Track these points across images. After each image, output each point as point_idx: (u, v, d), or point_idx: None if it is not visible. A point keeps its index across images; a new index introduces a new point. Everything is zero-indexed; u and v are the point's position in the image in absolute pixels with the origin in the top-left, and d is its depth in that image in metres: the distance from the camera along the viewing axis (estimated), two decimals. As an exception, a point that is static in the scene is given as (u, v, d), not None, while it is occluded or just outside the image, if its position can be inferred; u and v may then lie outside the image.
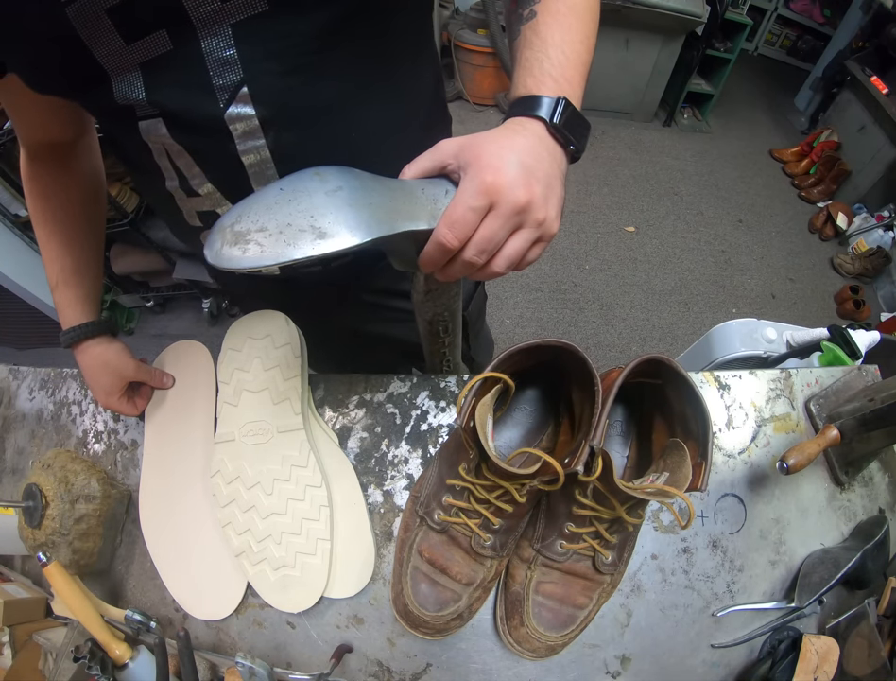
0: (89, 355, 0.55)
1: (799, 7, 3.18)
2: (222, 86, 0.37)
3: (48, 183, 0.55)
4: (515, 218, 0.33)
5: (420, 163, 0.37)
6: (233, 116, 0.38)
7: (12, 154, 1.42)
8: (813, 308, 2.09)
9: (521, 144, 0.35)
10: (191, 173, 0.43)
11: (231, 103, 0.38)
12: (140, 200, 1.53)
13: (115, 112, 0.39)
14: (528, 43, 0.41)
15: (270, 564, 0.49)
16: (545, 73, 0.38)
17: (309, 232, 0.33)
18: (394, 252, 0.47)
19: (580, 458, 0.36)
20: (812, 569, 0.50)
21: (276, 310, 0.56)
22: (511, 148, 0.34)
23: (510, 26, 0.45)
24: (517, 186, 0.32)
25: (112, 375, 0.54)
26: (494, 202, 0.32)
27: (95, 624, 0.47)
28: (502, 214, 0.33)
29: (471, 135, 0.36)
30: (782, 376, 0.58)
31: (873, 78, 2.17)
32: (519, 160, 0.33)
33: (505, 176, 0.32)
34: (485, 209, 0.32)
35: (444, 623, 0.43)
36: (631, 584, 0.50)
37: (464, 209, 0.32)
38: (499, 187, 0.32)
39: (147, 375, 0.56)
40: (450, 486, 0.44)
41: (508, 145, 0.34)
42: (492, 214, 0.33)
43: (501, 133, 0.36)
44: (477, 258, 0.33)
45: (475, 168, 0.33)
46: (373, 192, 0.39)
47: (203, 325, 1.93)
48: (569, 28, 0.41)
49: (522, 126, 0.36)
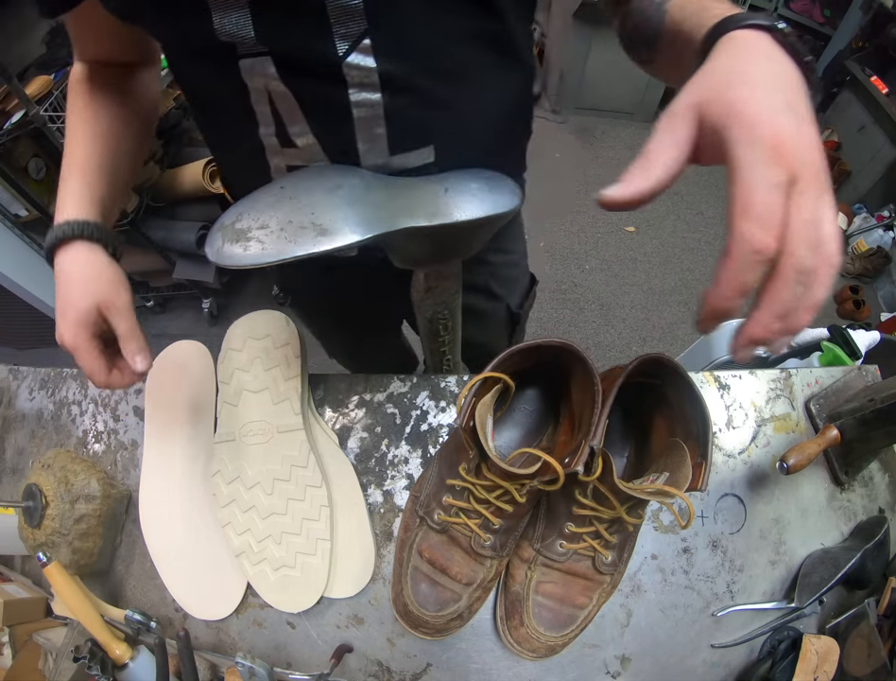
0: (72, 259, 0.42)
1: (799, 7, 3.18)
2: (344, 35, 0.35)
3: (98, 89, 0.49)
4: (822, 190, 0.22)
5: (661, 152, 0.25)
6: (352, 65, 0.37)
7: (12, 154, 1.42)
8: (813, 308, 2.09)
9: (771, 69, 0.25)
10: (292, 120, 0.41)
11: (351, 52, 0.36)
12: (140, 200, 1.53)
13: (211, 49, 0.36)
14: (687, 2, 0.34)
15: (270, 564, 0.49)
16: (728, 8, 0.29)
17: (310, 229, 0.33)
18: (394, 248, 0.47)
19: (580, 458, 0.36)
20: (812, 569, 0.50)
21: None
22: (773, 82, 0.24)
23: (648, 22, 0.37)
24: (808, 151, 0.22)
25: (90, 295, 0.41)
26: (795, 171, 0.22)
27: (95, 624, 0.47)
28: (812, 187, 0.22)
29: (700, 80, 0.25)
30: (782, 376, 0.58)
31: (873, 78, 2.16)
32: (788, 103, 0.23)
33: (788, 131, 0.22)
34: (787, 184, 0.22)
35: (444, 623, 0.43)
36: (631, 584, 0.50)
37: (767, 190, 0.21)
38: (793, 152, 0.22)
39: (130, 331, 0.42)
40: (450, 486, 0.43)
41: (759, 79, 0.24)
42: (797, 192, 0.22)
43: (737, 58, 0.25)
44: (810, 259, 0.22)
45: (742, 127, 0.22)
46: (373, 189, 0.39)
47: (203, 325, 1.93)
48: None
49: (752, 44, 0.26)
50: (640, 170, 0.25)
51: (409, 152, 0.43)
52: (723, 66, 0.25)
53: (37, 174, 1.50)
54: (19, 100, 1.19)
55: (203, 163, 1.56)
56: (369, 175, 0.41)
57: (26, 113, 1.21)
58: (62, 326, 0.41)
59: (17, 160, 1.43)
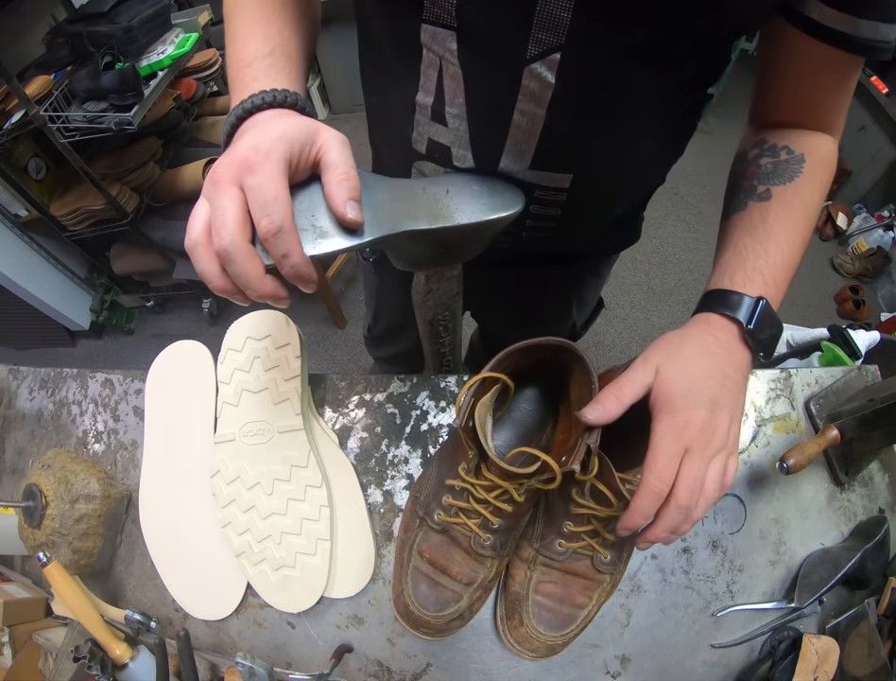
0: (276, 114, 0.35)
1: (799, 7, 3.18)
2: (540, 40, 0.34)
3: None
4: (712, 453, 0.35)
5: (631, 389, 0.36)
6: (533, 73, 0.36)
7: (12, 154, 1.42)
8: (813, 308, 2.08)
9: (710, 370, 0.36)
10: (453, 100, 0.40)
11: (537, 60, 0.35)
12: (140, 200, 1.53)
13: (402, 4, 0.36)
14: (752, 229, 0.41)
15: (270, 564, 0.49)
16: (758, 269, 0.39)
17: (310, 231, 0.33)
18: (395, 251, 0.47)
19: (577, 457, 0.36)
20: (812, 569, 0.50)
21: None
22: (702, 383, 0.35)
23: (737, 192, 0.44)
24: (707, 428, 0.35)
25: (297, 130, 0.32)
26: (691, 447, 0.34)
27: (95, 624, 0.47)
28: (699, 454, 0.34)
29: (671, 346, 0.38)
30: (782, 376, 0.58)
31: (873, 78, 2.16)
32: (709, 397, 0.35)
33: (696, 421, 0.34)
34: (682, 453, 0.34)
35: (445, 623, 0.43)
36: (631, 584, 0.50)
37: (667, 457, 0.34)
38: (692, 433, 0.34)
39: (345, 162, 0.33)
40: (449, 486, 0.43)
41: (698, 375, 0.36)
42: (688, 456, 0.34)
43: (693, 350, 0.37)
44: (689, 499, 0.34)
45: (667, 412, 0.35)
46: (375, 192, 0.39)
47: (203, 325, 1.93)
48: (795, 227, 0.41)
49: (714, 335, 0.38)
50: (614, 399, 0.36)
51: (548, 173, 0.44)
52: (690, 354, 0.37)
53: (37, 174, 1.50)
54: (19, 100, 1.19)
55: (203, 163, 1.56)
56: (371, 177, 0.40)
57: (26, 113, 1.21)
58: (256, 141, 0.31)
59: (17, 160, 1.43)
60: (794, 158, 0.43)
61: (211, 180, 0.31)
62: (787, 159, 0.43)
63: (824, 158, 0.44)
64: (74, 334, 1.96)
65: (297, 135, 0.32)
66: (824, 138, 0.44)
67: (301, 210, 0.34)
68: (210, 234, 0.30)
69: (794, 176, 0.42)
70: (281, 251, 0.30)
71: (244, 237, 0.30)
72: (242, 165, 0.31)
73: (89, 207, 1.48)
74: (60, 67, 1.31)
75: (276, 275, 0.32)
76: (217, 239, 0.30)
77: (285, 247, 0.30)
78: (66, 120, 1.24)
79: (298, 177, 0.33)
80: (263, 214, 0.30)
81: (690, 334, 0.38)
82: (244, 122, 0.35)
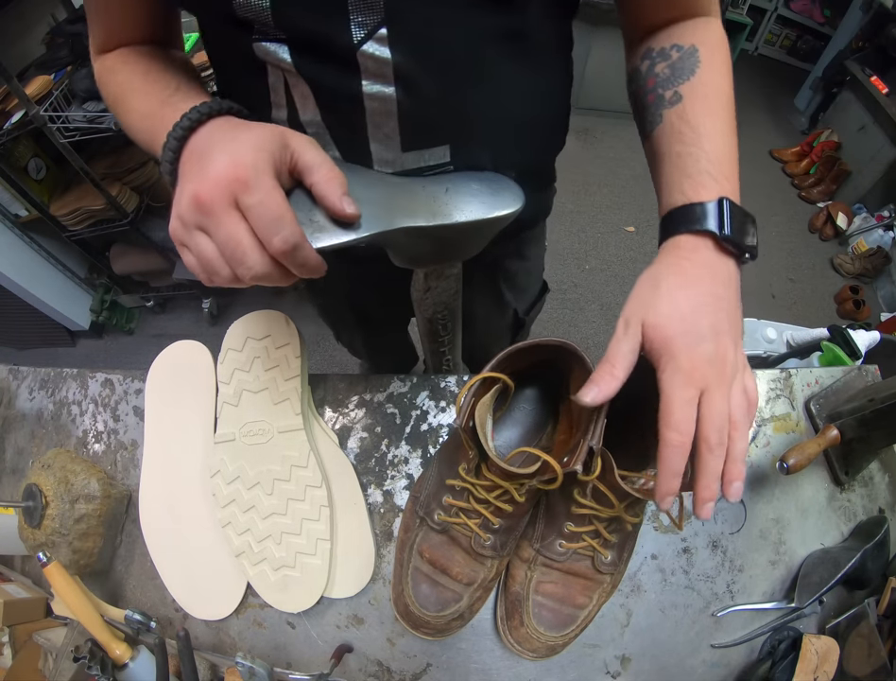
0: (229, 124, 0.34)
1: (799, 7, 3.18)
2: (361, 22, 0.34)
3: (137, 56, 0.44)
4: (728, 382, 0.33)
5: (621, 359, 0.34)
6: (367, 54, 0.36)
7: (12, 154, 1.42)
8: (813, 308, 2.09)
9: (698, 297, 0.34)
10: (305, 107, 0.40)
11: (367, 41, 0.35)
12: (140, 200, 1.53)
13: (233, 25, 0.36)
14: (678, 135, 0.39)
15: (270, 564, 0.49)
16: (703, 171, 0.36)
17: (307, 226, 0.33)
18: (394, 247, 0.47)
19: (578, 457, 0.36)
20: (812, 569, 0.50)
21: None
22: (695, 315, 0.33)
23: (646, 109, 0.42)
24: (716, 360, 0.32)
25: (274, 131, 0.33)
26: (705, 386, 0.32)
27: (95, 624, 0.47)
28: (717, 389, 0.32)
29: (646, 293, 0.35)
30: (782, 376, 0.58)
31: (873, 78, 2.16)
32: (708, 326, 0.33)
33: (703, 356, 0.32)
34: (697, 396, 0.32)
35: (445, 623, 0.43)
36: (631, 584, 0.50)
37: (680, 406, 0.31)
38: (703, 371, 0.32)
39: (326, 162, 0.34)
40: (450, 486, 0.43)
41: (687, 309, 0.33)
42: (706, 395, 0.32)
43: (672, 285, 0.34)
44: (720, 438, 0.31)
45: (668, 359, 0.32)
46: (372, 188, 0.39)
47: (203, 325, 1.93)
48: (719, 116, 0.39)
49: (690, 257, 0.35)
50: (608, 376, 0.33)
51: (423, 150, 0.42)
52: (671, 291, 0.34)
53: (37, 174, 1.50)
54: (19, 100, 1.19)
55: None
56: (369, 173, 0.40)
57: (26, 113, 1.21)
58: (234, 156, 0.30)
59: (17, 160, 1.43)
60: (686, 52, 0.41)
61: (197, 207, 0.30)
62: (680, 56, 0.41)
63: (715, 41, 0.42)
64: (74, 334, 1.96)
65: (271, 144, 0.32)
66: (705, 21, 0.43)
67: (298, 204, 0.34)
68: (213, 265, 0.31)
69: (694, 68, 0.40)
70: (299, 262, 0.32)
71: (270, 260, 0.31)
72: (233, 183, 0.29)
73: (89, 207, 1.48)
74: (60, 67, 1.31)
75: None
76: (245, 270, 0.30)
77: (303, 258, 0.32)
78: (66, 120, 1.24)
79: (282, 186, 0.33)
80: (273, 233, 0.29)
81: (663, 268, 0.36)
82: (189, 140, 0.34)
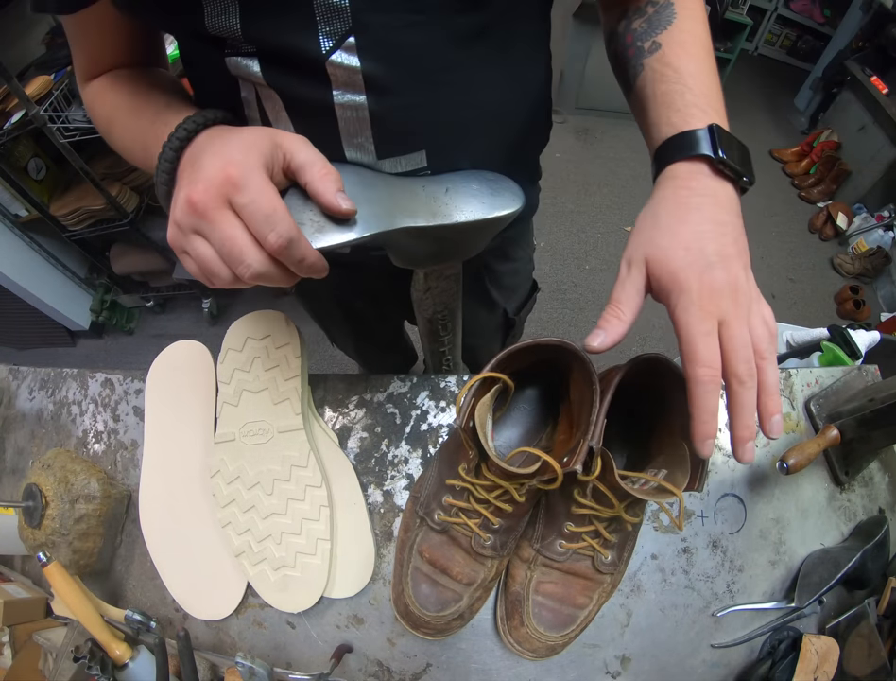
0: (221, 131, 0.35)
1: (799, 7, 3.18)
2: (329, 32, 0.34)
3: (125, 79, 0.45)
4: (745, 310, 0.32)
5: (627, 300, 0.33)
6: (336, 64, 0.35)
7: (12, 154, 1.42)
8: (813, 308, 2.08)
9: (700, 224, 0.33)
10: (277, 120, 0.40)
11: (335, 50, 0.35)
12: (140, 200, 1.53)
13: (205, 42, 0.36)
14: (661, 76, 0.39)
15: (270, 564, 0.49)
16: (689, 104, 0.36)
17: (308, 226, 0.33)
18: (393, 247, 0.47)
19: (578, 457, 0.36)
20: (812, 569, 0.50)
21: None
22: (699, 243, 0.32)
23: (627, 63, 0.43)
24: (727, 286, 0.31)
25: (265, 133, 0.34)
26: (722, 316, 0.31)
27: (95, 624, 0.47)
28: (735, 318, 0.31)
29: (646, 229, 0.35)
30: (782, 376, 0.58)
31: (873, 78, 2.16)
32: (715, 253, 0.32)
33: (713, 283, 0.31)
34: (717, 326, 0.31)
35: (445, 623, 0.43)
36: (631, 584, 0.50)
37: (702, 339, 0.30)
38: (716, 300, 0.31)
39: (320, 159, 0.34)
40: (450, 486, 0.44)
41: (691, 238, 0.32)
42: (725, 327, 0.31)
43: (672, 215, 0.34)
44: (749, 368, 0.31)
45: (679, 293, 0.31)
46: (373, 188, 0.39)
47: (203, 325, 1.93)
48: (699, 59, 0.39)
49: (687, 184, 0.35)
50: (615, 319, 0.33)
51: (398, 157, 0.42)
52: (671, 221, 0.34)
53: (37, 174, 1.50)
54: (19, 100, 1.19)
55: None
56: (368, 173, 0.40)
57: (26, 113, 1.21)
58: (225, 158, 0.31)
59: (17, 160, 1.43)
60: (661, 6, 0.42)
61: (191, 211, 0.30)
62: (656, 10, 0.42)
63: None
64: (74, 334, 1.96)
65: (262, 143, 0.32)
66: None
67: (299, 205, 0.34)
68: (212, 267, 0.31)
69: (671, 19, 0.41)
70: (296, 258, 0.31)
71: (267, 258, 0.31)
72: (224, 184, 0.29)
73: (89, 207, 1.48)
74: (60, 67, 1.31)
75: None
76: (244, 269, 0.30)
77: (300, 253, 0.31)
78: (66, 120, 1.24)
79: (276, 186, 0.33)
80: (268, 230, 0.29)
81: (661, 200, 0.35)
82: (185, 151, 0.34)
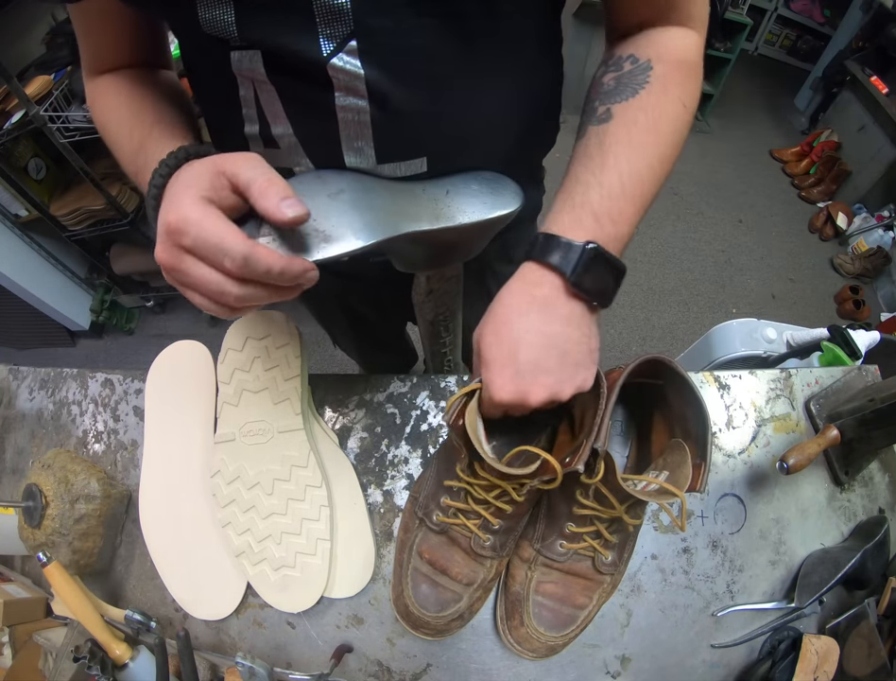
0: (176, 175, 0.35)
1: (799, 7, 3.18)
2: (330, 35, 0.33)
3: (128, 83, 0.45)
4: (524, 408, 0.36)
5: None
6: (337, 67, 0.34)
7: (12, 154, 1.42)
8: (813, 308, 2.09)
9: (533, 326, 0.35)
10: (276, 120, 0.39)
11: (336, 53, 0.34)
12: (140, 200, 1.53)
13: (204, 38, 0.35)
14: (586, 159, 0.37)
15: (270, 564, 0.49)
16: (587, 205, 0.35)
17: (314, 235, 0.33)
18: (396, 253, 0.47)
19: (581, 457, 0.36)
20: (812, 569, 0.50)
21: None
22: (520, 343, 0.35)
23: (583, 113, 0.41)
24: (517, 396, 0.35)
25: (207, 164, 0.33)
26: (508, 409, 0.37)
27: (95, 624, 0.47)
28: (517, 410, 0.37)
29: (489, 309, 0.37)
30: (782, 376, 0.58)
31: (873, 78, 2.17)
32: (528, 361, 0.35)
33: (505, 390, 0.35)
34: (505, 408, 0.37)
35: (445, 624, 0.43)
36: (631, 584, 0.50)
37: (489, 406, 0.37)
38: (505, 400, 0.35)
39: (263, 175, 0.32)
40: (447, 487, 0.43)
41: (517, 336, 0.35)
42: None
43: (515, 309, 0.36)
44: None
45: (486, 372, 0.36)
46: (375, 194, 0.39)
47: (203, 325, 1.93)
48: (640, 147, 0.36)
49: (539, 285, 0.36)
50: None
51: (399, 163, 0.41)
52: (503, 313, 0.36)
53: (37, 174, 1.50)
54: (19, 100, 1.19)
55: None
56: (368, 179, 0.40)
57: (26, 113, 1.21)
58: (168, 207, 0.31)
59: (17, 160, 1.44)
60: (638, 67, 0.38)
61: (165, 270, 0.32)
62: (631, 70, 0.38)
63: (678, 58, 0.38)
64: (74, 334, 1.96)
65: (202, 176, 0.32)
66: (680, 32, 0.39)
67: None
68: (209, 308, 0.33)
69: (638, 88, 0.37)
70: (261, 271, 0.30)
71: (243, 283, 0.31)
72: (171, 235, 0.30)
73: (89, 207, 1.48)
74: (60, 67, 1.31)
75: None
76: (232, 300, 0.31)
77: (262, 266, 0.30)
78: (66, 120, 1.24)
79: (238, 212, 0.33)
80: (220, 258, 0.29)
81: (506, 293, 0.37)
82: (163, 196, 0.35)
